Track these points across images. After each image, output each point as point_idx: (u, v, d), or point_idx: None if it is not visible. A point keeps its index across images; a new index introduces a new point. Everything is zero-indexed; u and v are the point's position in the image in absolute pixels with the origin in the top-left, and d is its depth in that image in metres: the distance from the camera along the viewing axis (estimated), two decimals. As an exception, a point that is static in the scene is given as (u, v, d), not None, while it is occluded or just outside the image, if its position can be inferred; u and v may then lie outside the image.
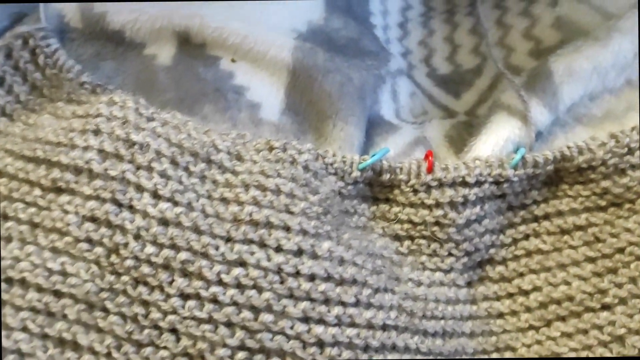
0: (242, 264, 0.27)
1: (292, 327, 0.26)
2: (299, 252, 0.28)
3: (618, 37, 0.36)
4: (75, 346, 0.26)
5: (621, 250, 0.32)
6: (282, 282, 0.27)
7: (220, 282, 0.27)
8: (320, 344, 0.27)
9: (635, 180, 0.33)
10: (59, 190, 0.28)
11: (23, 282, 0.27)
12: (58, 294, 0.27)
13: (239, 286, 0.27)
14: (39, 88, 0.34)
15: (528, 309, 0.33)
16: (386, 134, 0.36)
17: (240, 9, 0.37)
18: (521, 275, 0.34)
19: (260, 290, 0.27)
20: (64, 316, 0.27)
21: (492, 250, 0.34)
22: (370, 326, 0.28)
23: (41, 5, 0.36)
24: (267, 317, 0.26)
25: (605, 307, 0.31)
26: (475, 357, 0.31)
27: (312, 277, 0.27)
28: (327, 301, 0.27)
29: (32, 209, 0.28)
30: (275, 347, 0.26)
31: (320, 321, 0.27)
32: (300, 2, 0.39)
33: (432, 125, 0.38)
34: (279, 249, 0.27)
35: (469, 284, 0.33)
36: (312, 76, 0.35)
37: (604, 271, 0.32)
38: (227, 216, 0.28)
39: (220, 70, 0.36)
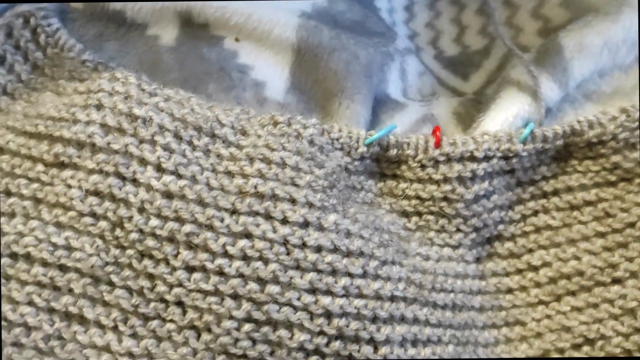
0: (248, 235, 0.27)
1: (299, 299, 0.26)
2: (305, 224, 0.27)
3: (629, 12, 0.36)
4: (82, 320, 0.26)
5: (632, 225, 0.32)
6: (288, 254, 0.27)
7: (225, 254, 0.26)
8: (328, 314, 0.26)
9: (646, 154, 0.33)
10: (61, 165, 0.28)
11: (28, 257, 0.27)
12: (63, 268, 0.27)
13: (245, 258, 0.26)
14: (40, 67, 0.34)
15: (537, 284, 0.32)
16: (393, 112, 0.36)
17: None
18: (530, 251, 0.33)
19: (266, 261, 0.26)
20: (70, 290, 0.26)
21: (500, 227, 0.33)
22: (378, 297, 0.27)
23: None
24: (273, 289, 0.26)
25: (616, 280, 0.31)
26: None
27: (318, 249, 0.27)
28: (334, 272, 0.27)
29: (35, 185, 0.28)
30: (282, 318, 0.26)
31: (328, 292, 0.27)
32: (304, -17, 0.39)
33: (440, 103, 0.37)
34: (284, 221, 0.27)
35: (478, 260, 0.33)
36: (318, 55, 0.35)
37: (614, 246, 0.32)
38: (232, 189, 0.27)
39: (225, 50, 0.36)
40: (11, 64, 0.34)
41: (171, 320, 0.27)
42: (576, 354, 0.30)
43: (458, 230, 0.32)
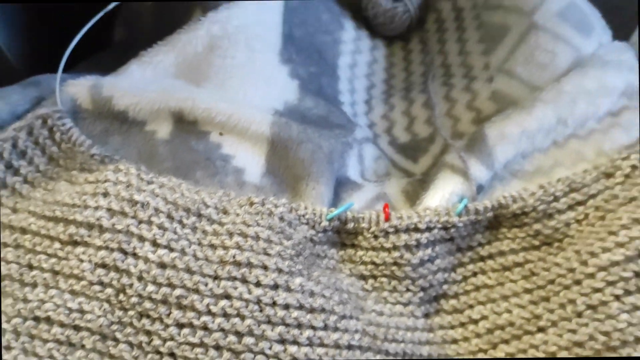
0: (227, 297, 0.32)
1: (270, 348, 0.32)
2: (275, 287, 0.33)
3: (541, 106, 0.44)
4: None
5: (552, 282, 0.38)
6: (261, 311, 0.32)
7: (209, 312, 0.32)
8: None
9: (561, 222, 0.39)
10: (75, 243, 0.34)
11: (48, 320, 0.32)
12: (77, 328, 0.32)
13: (225, 315, 0.32)
14: (56, 159, 0.40)
15: (477, 335, 0.38)
16: (352, 191, 0.42)
17: (226, 92, 0.44)
18: (471, 307, 0.39)
19: (242, 318, 0.32)
20: (83, 346, 0.32)
21: (445, 286, 0.39)
22: (337, 346, 0.33)
23: (57, 91, 0.43)
24: (249, 340, 0.32)
25: (540, 329, 0.36)
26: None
27: (286, 307, 0.33)
28: (299, 326, 0.33)
29: (53, 260, 0.34)
30: None
31: (294, 342, 0.32)
32: (278, 85, 0.46)
33: (392, 183, 0.44)
34: (258, 284, 0.33)
35: (427, 316, 0.39)
36: (288, 146, 0.42)
37: (538, 300, 0.38)
38: (215, 259, 0.34)
39: (210, 142, 0.43)
40: (31, 157, 0.40)
41: None
42: (509, 393, 0.35)
43: (407, 290, 0.38)
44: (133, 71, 0.46)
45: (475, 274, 0.40)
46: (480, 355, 0.37)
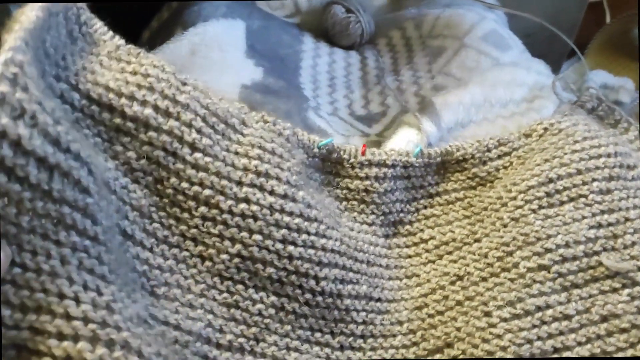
0: (247, 201, 0.38)
1: (273, 245, 0.38)
2: (285, 196, 0.40)
3: (472, 86, 0.56)
4: (133, 240, 0.36)
5: (485, 208, 0.47)
6: (271, 215, 0.39)
7: (230, 212, 0.38)
8: (290, 257, 0.39)
9: (492, 167, 0.50)
10: (119, 131, 0.36)
11: (107, 185, 0.35)
12: (124, 202, 0.36)
13: (242, 215, 0.38)
14: (75, 38, 0.37)
15: (427, 250, 0.47)
16: (323, 135, 0.51)
17: (205, 76, 0.52)
18: (422, 230, 0.48)
19: (256, 219, 0.38)
20: (127, 217, 0.36)
21: (402, 215, 0.48)
22: (323, 249, 0.40)
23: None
24: (257, 237, 0.38)
25: (476, 240, 0.45)
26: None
27: (291, 214, 0.39)
28: (298, 230, 0.39)
29: (97, 139, 0.36)
30: (260, 257, 0.38)
31: (292, 243, 0.39)
32: (246, 71, 0.55)
33: (354, 139, 0.53)
34: (272, 193, 0.39)
35: (386, 237, 0.47)
36: (253, 107, 0.46)
37: (475, 222, 0.47)
38: (240, 166, 0.39)
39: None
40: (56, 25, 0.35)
41: (187, 250, 0.38)
42: (452, 288, 0.44)
43: (372, 213, 0.47)
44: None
45: (425, 207, 0.49)
46: (429, 265, 0.46)
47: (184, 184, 0.38)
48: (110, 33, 0.40)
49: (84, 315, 0.28)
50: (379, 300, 0.43)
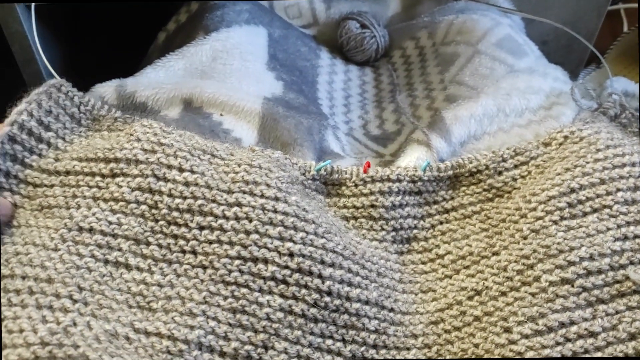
0: (239, 204, 0.39)
1: (271, 243, 0.38)
2: (276, 199, 0.40)
3: (484, 97, 0.54)
4: (127, 266, 0.38)
5: (503, 220, 0.45)
6: (264, 214, 0.39)
7: (224, 216, 0.39)
8: (291, 254, 0.38)
9: (509, 177, 0.47)
10: (114, 175, 0.40)
11: (90, 230, 0.38)
12: (115, 236, 0.38)
13: (236, 218, 0.39)
14: (77, 119, 0.45)
15: (443, 266, 0.44)
16: (334, 160, 0.50)
17: (225, 83, 0.53)
18: (437, 246, 0.46)
19: (250, 220, 0.39)
20: (120, 248, 0.38)
21: (415, 231, 0.46)
22: (324, 248, 0.39)
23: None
24: (254, 236, 0.38)
25: (495, 253, 0.43)
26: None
27: (285, 213, 0.39)
28: (295, 228, 0.39)
29: (95, 189, 0.40)
30: (260, 256, 0.38)
31: (290, 240, 0.39)
32: (266, 83, 0.55)
33: (368, 159, 0.52)
34: (262, 196, 0.40)
35: (400, 254, 0.45)
36: (276, 119, 0.50)
37: (493, 234, 0.45)
38: (227, 179, 0.40)
39: (213, 120, 0.50)
40: (56, 115, 0.44)
41: (187, 263, 0.38)
42: (470, 303, 0.41)
43: (382, 229, 0.45)
44: (149, 73, 0.55)
45: (441, 223, 0.47)
46: (445, 280, 0.43)
47: (177, 200, 0.39)
48: (106, 107, 0.46)
49: (41, 340, 0.31)
50: (392, 310, 0.41)
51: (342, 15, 0.68)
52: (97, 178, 0.41)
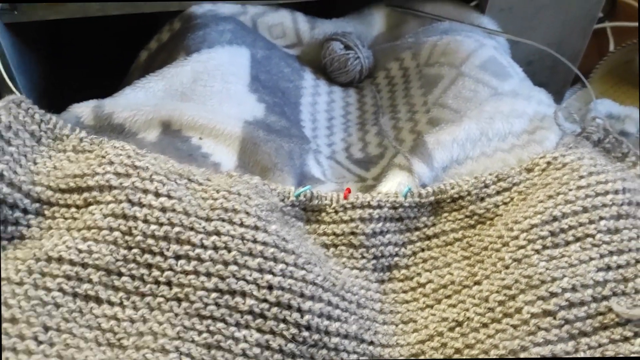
0: (217, 233, 0.38)
1: (250, 275, 0.37)
2: (255, 227, 0.39)
3: (467, 121, 0.53)
4: (97, 300, 0.36)
5: (485, 248, 0.44)
6: (244, 245, 0.38)
7: (202, 246, 0.38)
8: (270, 287, 0.37)
9: (491, 204, 0.47)
10: (88, 205, 0.39)
11: (59, 259, 0.36)
12: (85, 266, 0.37)
13: (215, 248, 0.38)
14: (37, 137, 0.43)
15: (425, 295, 0.43)
16: (315, 185, 0.49)
17: (205, 105, 0.52)
18: (418, 274, 0.45)
19: (229, 250, 0.38)
20: (90, 280, 0.36)
21: (396, 258, 0.45)
22: (304, 280, 0.38)
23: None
24: (233, 268, 0.37)
25: (476, 283, 0.42)
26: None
27: (264, 244, 0.38)
28: (275, 259, 0.38)
29: (69, 221, 0.39)
30: (238, 288, 0.37)
31: (270, 272, 0.37)
32: (248, 106, 0.54)
33: (349, 185, 0.51)
34: (241, 225, 0.39)
35: (380, 282, 0.44)
36: (256, 143, 0.49)
37: (474, 263, 0.44)
38: (206, 206, 0.39)
39: (192, 144, 0.49)
40: (16, 131, 0.41)
41: (161, 296, 0.37)
42: (451, 335, 0.40)
43: (362, 257, 0.44)
44: (128, 94, 0.54)
45: (422, 250, 0.46)
46: (427, 310, 0.43)
47: (153, 227, 0.38)
48: (69, 126, 0.44)
49: None
50: (371, 343, 0.40)
51: (327, 36, 0.67)
52: (72, 210, 0.39)
